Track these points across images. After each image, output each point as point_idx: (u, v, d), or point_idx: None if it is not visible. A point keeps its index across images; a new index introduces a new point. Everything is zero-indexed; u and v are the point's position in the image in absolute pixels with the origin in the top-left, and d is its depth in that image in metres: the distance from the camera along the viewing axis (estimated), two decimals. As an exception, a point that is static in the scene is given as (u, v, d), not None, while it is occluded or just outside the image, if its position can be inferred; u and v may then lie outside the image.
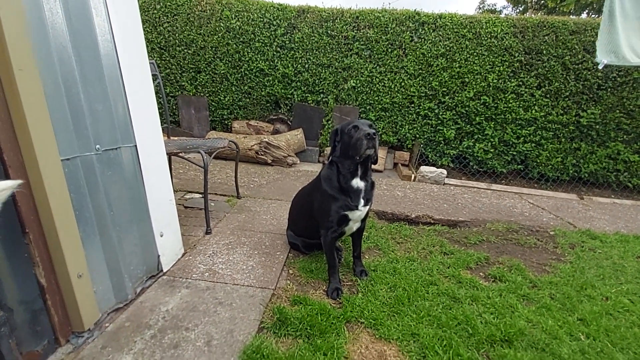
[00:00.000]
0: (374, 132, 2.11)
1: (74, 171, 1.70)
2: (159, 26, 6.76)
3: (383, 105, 6.62)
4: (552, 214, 4.59)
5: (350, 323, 2.09)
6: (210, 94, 7.08)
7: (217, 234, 3.12)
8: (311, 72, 6.75)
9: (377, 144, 2.16)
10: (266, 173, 5.55)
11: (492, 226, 3.82)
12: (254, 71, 6.84)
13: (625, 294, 2.60)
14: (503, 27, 6.00)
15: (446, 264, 2.87)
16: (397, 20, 6.33)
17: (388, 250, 3.06)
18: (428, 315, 2.15)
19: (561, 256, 3.23)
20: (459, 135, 6.53)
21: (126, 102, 2.06)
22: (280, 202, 4.08)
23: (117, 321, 1.94)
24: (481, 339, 1.96)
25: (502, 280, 2.68)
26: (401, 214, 4.03)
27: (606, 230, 4.04)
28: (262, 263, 2.68)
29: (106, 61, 1.90)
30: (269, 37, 6.65)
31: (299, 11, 6.61)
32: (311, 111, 6.91)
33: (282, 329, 1.96)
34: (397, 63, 6.45)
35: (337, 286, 2.37)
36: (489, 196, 5.30)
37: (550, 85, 6.03)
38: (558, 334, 2.07)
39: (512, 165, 6.47)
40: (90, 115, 1.80)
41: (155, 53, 6.85)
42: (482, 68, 6.14)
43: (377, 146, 2.17)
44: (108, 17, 1.91)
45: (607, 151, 6.12)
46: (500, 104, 6.19)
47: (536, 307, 2.35)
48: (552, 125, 6.14)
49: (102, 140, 1.88)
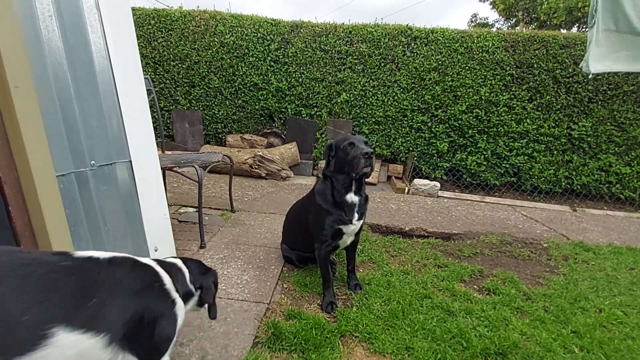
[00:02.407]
0: (372, 151, 2.13)
1: (68, 187, 1.71)
2: (154, 41, 6.80)
3: (376, 118, 6.67)
4: (546, 226, 4.62)
5: (344, 337, 2.08)
6: (204, 108, 7.11)
7: (212, 248, 3.11)
8: (305, 86, 6.79)
9: (373, 162, 2.18)
10: (260, 187, 5.56)
11: (485, 239, 3.83)
12: (248, 85, 6.88)
13: (619, 306, 2.61)
14: (494, 41, 6.10)
15: (440, 277, 2.87)
16: (389, 35, 6.42)
17: (382, 263, 3.06)
18: (422, 329, 2.15)
19: (555, 268, 3.24)
20: (452, 148, 6.58)
21: (121, 117, 2.07)
22: (275, 216, 4.08)
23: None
24: (475, 352, 1.96)
25: (496, 292, 2.69)
26: (395, 227, 4.04)
27: (599, 242, 4.07)
28: (256, 277, 2.68)
29: (101, 77, 1.92)
30: (263, 52, 6.70)
31: (292, 26, 6.68)
32: (305, 125, 6.95)
33: (277, 344, 1.95)
34: (390, 77, 6.52)
35: (332, 300, 2.37)
36: (482, 208, 5.32)
37: (541, 99, 6.12)
38: (552, 346, 2.08)
39: (505, 178, 6.52)
40: (85, 131, 1.81)
41: (150, 68, 6.89)
42: (474, 82, 6.22)
43: (373, 164, 2.19)
44: (103, 34, 1.93)
45: (599, 163, 6.19)
46: (492, 117, 6.25)
47: (530, 319, 2.36)
48: (544, 137, 6.21)
49: (97, 156, 1.89)
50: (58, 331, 0.99)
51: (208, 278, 1.63)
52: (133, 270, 1.29)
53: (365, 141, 2.23)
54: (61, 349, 0.99)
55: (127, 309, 1.18)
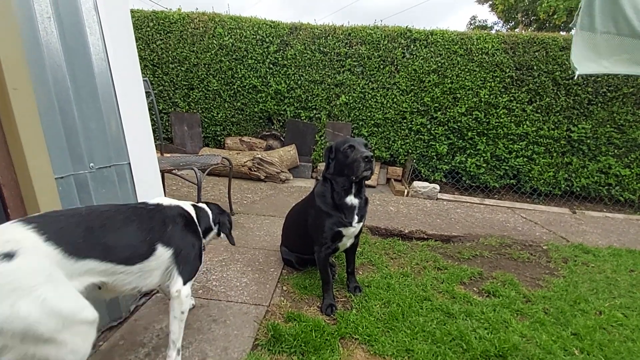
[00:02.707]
0: (372, 155, 2.12)
1: (67, 189, 1.70)
2: (152, 43, 6.81)
3: (375, 121, 6.67)
4: (545, 228, 4.61)
5: (344, 339, 2.08)
6: (203, 111, 7.11)
7: (211, 250, 3.10)
8: (304, 88, 6.80)
9: (373, 166, 2.18)
10: (259, 189, 5.55)
11: (485, 241, 3.83)
12: (247, 88, 6.88)
13: (619, 308, 2.61)
14: (494, 43, 6.11)
15: (440, 279, 2.87)
16: (389, 37, 6.42)
17: (382, 265, 3.06)
18: (422, 331, 2.15)
19: (554, 270, 3.24)
20: (452, 150, 6.59)
21: (120, 119, 2.06)
22: (274, 218, 4.07)
23: (111, 340, 1.92)
24: (475, 355, 1.96)
25: (495, 295, 2.68)
26: (394, 229, 4.03)
27: (599, 244, 4.06)
28: (255, 280, 2.67)
29: (100, 79, 1.91)
30: (262, 54, 6.71)
31: (291, 28, 6.69)
32: (304, 127, 6.95)
33: (277, 346, 1.95)
34: (389, 79, 6.53)
35: (331, 302, 2.37)
36: (482, 211, 5.32)
37: (541, 101, 6.12)
38: (552, 348, 2.07)
39: (504, 180, 6.52)
40: (84, 133, 1.80)
41: (148, 70, 6.89)
42: (473, 84, 6.23)
43: (373, 168, 2.19)
44: (102, 36, 1.92)
45: (598, 165, 6.18)
46: (492, 119, 6.26)
47: (530, 322, 2.35)
48: (544, 140, 6.21)
49: (96, 158, 1.88)
50: (158, 246, 1.56)
51: (224, 216, 2.16)
52: (182, 211, 1.81)
53: (365, 144, 2.23)
54: (157, 258, 1.56)
55: (180, 236, 1.70)
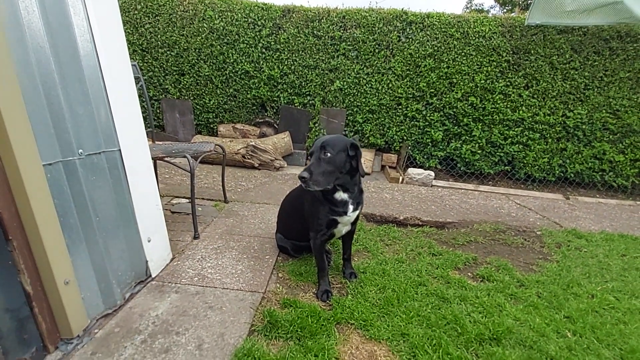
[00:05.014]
0: (306, 176, 2.04)
1: (56, 176, 1.67)
2: (141, 27, 6.66)
3: (370, 107, 6.62)
4: (539, 214, 4.63)
5: (340, 324, 2.08)
6: (194, 97, 7.01)
7: (206, 238, 3.09)
8: (297, 73, 6.72)
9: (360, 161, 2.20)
10: (253, 177, 5.52)
11: (479, 227, 3.84)
12: (239, 73, 6.79)
13: (611, 292, 2.63)
14: (491, 26, 6.04)
15: (435, 265, 2.88)
16: (384, 20, 6.33)
17: (377, 252, 3.06)
18: (417, 316, 2.16)
19: (548, 255, 3.26)
20: (447, 136, 6.57)
21: (108, 104, 2.01)
22: (268, 206, 4.06)
23: (106, 327, 1.91)
24: (470, 338, 1.97)
25: (490, 280, 2.70)
26: (389, 216, 4.03)
27: (592, 230, 4.09)
28: (251, 267, 2.66)
29: (86, 62, 1.85)
30: (254, 38, 6.59)
31: (284, 11, 6.55)
32: (298, 114, 6.90)
33: (273, 332, 1.95)
34: (385, 64, 6.46)
35: (327, 288, 2.36)
36: (476, 197, 5.33)
37: (537, 86, 6.10)
38: (545, 331, 2.09)
39: (499, 167, 6.52)
40: (72, 118, 1.76)
41: (137, 55, 6.76)
42: (470, 68, 6.18)
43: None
44: (87, 16, 1.85)
45: (593, 151, 6.19)
46: (487, 105, 6.23)
47: (524, 305, 2.37)
48: (539, 125, 6.20)
49: (85, 145, 1.84)
50: None
51: None
52: None
53: (322, 145, 2.12)
54: None
55: None
